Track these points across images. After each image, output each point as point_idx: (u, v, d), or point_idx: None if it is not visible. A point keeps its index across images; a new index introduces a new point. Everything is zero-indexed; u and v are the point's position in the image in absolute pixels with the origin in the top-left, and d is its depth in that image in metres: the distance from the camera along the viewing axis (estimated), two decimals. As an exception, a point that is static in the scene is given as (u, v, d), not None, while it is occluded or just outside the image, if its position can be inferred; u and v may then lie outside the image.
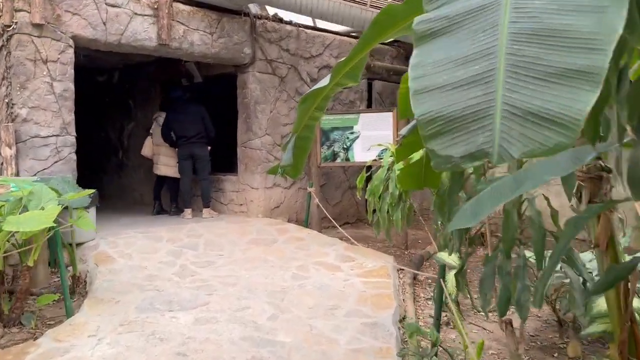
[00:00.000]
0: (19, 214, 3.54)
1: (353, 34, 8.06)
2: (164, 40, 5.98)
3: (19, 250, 3.66)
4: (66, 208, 4.19)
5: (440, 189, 2.79)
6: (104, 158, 9.71)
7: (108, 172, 9.63)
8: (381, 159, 6.49)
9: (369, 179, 5.63)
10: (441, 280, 3.10)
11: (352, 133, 6.67)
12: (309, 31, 7.41)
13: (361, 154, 6.66)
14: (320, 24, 7.73)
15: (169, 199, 7.55)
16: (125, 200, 9.13)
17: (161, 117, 7.38)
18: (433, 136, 1.06)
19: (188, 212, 7.01)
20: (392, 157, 5.29)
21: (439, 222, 3.25)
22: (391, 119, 6.53)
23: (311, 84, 7.37)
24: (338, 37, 7.79)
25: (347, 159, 6.71)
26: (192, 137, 6.94)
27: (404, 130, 2.31)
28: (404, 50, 8.71)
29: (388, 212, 5.17)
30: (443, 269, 3.20)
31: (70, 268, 4.47)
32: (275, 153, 7.04)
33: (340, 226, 6.81)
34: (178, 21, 6.11)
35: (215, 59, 6.59)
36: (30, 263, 3.65)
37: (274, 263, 4.97)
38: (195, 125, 6.95)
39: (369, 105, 8.31)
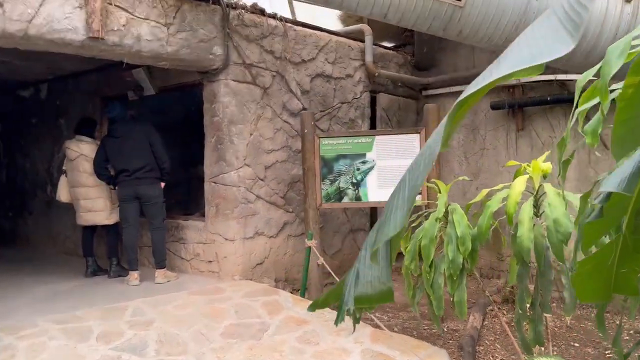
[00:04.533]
0: None
1: (350, 36, 6.31)
2: (96, 33, 4.06)
3: None
4: None
5: None
6: (29, 194, 7.57)
7: (34, 212, 7.48)
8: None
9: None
10: None
11: (364, 162, 4.87)
12: (298, 28, 5.62)
13: (377, 191, 4.86)
14: (312, 20, 5.95)
15: (106, 251, 5.52)
16: (54, 248, 7.00)
17: (74, 147, 5.38)
18: None
19: (134, 275, 5.00)
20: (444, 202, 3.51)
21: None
22: (417, 143, 4.77)
23: (302, 98, 5.56)
24: (335, 37, 6.04)
25: (358, 199, 4.89)
26: (137, 170, 4.99)
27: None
28: (412, 57, 7.02)
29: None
30: None
31: None
32: (257, 191, 5.15)
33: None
34: (118, 5, 4.21)
35: (173, 61, 4.69)
36: None
37: (271, 380, 3.06)
38: (141, 154, 5.01)
39: (372, 125, 6.55)
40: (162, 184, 5.16)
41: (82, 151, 5.33)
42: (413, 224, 3.75)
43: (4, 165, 8.12)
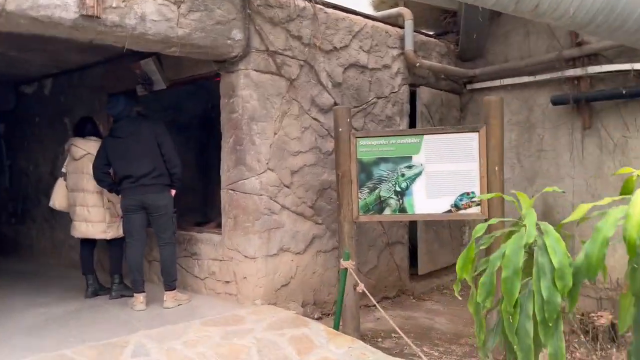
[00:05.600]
0: None
1: (388, 20, 5.52)
2: (90, 10, 3.35)
3: None
4: None
5: None
6: (32, 200, 6.94)
7: (37, 219, 6.85)
8: (461, 208, 3.93)
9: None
10: None
11: (409, 167, 4.08)
12: (330, 10, 4.85)
13: (425, 201, 4.07)
14: (343, 1, 5.18)
15: (109, 266, 4.83)
16: (58, 259, 6.36)
17: (81, 144, 4.71)
18: None
19: (139, 299, 4.29)
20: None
21: None
22: (476, 144, 3.97)
23: (334, 91, 4.79)
24: (371, 22, 5.25)
25: (402, 210, 4.10)
26: (143, 176, 4.28)
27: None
28: (456, 46, 6.20)
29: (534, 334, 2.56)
30: None
31: None
32: (282, 200, 4.40)
33: (377, 303, 4.20)
34: (117, -22, 3.50)
35: (185, 46, 3.97)
36: None
37: None
38: (148, 157, 4.30)
39: (412, 123, 5.75)
40: (173, 192, 4.44)
41: (89, 150, 4.65)
42: (482, 245, 2.95)
43: (7, 168, 7.51)
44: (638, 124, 4.93)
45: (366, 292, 3.57)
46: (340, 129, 4.11)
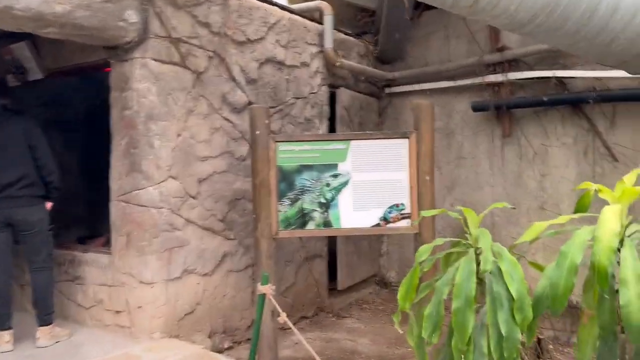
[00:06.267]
0: None
1: (305, 14, 5.06)
2: None
3: None
4: None
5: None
6: None
7: None
8: (390, 221, 3.57)
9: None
10: None
11: (335, 176, 3.63)
12: (243, -3, 4.29)
13: (352, 214, 3.64)
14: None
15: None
16: None
17: None
18: None
19: (5, 337, 3.43)
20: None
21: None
22: (406, 151, 3.61)
23: (248, 89, 4.24)
24: (288, 14, 4.76)
25: (327, 224, 3.64)
26: (9, 185, 3.45)
27: None
28: (375, 47, 5.89)
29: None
30: None
31: None
32: (186, 213, 3.75)
33: (295, 324, 3.72)
34: None
35: (65, 27, 3.21)
36: None
37: None
38: (16, 163, 3.47)
39: (332, 127, 5.34)
40: (49, 205, 3.63)
41: None
42: (424, 267, 2.56)
43: None
44: (558, 132, 4.88)
45: (288, 322, 3.05)
46: (257, 132, 3.56)
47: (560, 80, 4.75)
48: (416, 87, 5.78)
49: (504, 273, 2.23)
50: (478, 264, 2.37)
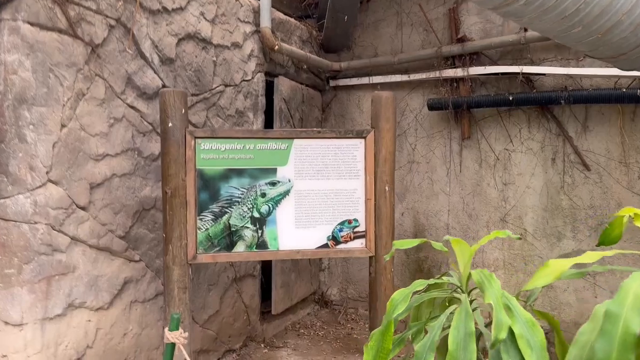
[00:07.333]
0: None
1: (239, -12, 4.22)
2: None
3: None
4: None
5: None
6: None
7: None
8: (340, 241, 2.85)
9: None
10: None
11: (273, 184, 2.85)
12: (158, -46, 3.40)
13: (294, 233, 2.87)
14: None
15: None
16: None
17: None
18: None
19: None
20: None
21: None
22: (361, 154, 2.89)
23: (163, 69, 3.37)
24: (216, -18, 3.91)
25: (263, 245, 2.85)
26: None
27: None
28: (319, 32, 5.15)
29: None
30: None
31: None
32: (72, 229, 2.83)
33: (220, 359, 2.94)
34: None
35: None
36: None
37: None
38: None
39: (268, 122, 4.54)
40: None
41: None
42: (399, 316, 1.83)
43: None
44: (523, 136, 4.35)
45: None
46: (169, 124, 2.71)
47: (527, 77, 4.22)
48: (365, 80, 5.10)
49: (518, 338, 1.55)
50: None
